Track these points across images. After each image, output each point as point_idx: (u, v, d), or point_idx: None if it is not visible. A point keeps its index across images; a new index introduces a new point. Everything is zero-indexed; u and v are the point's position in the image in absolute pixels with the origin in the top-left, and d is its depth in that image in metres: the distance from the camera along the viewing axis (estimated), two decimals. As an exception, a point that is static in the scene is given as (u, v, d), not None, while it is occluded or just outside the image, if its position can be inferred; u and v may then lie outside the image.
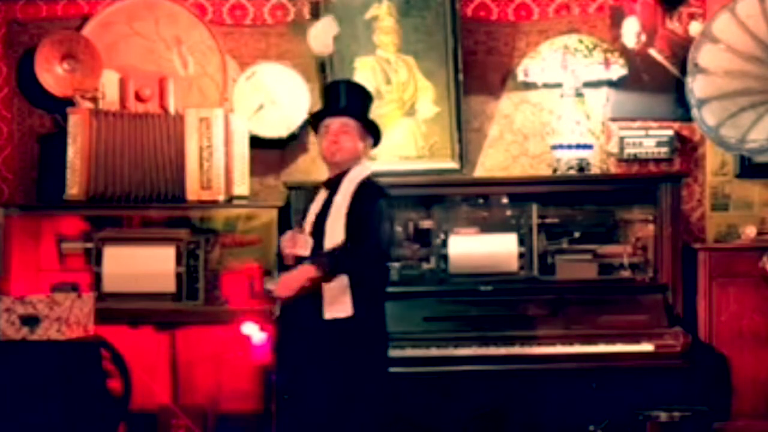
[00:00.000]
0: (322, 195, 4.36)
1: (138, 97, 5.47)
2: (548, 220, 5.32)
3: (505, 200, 5.36)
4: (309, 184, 4.90)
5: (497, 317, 5.03)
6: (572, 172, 5.35)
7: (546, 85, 5.53)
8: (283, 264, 4.36)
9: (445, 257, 5.23)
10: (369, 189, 4.30)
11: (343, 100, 4.33)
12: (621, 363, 4.90)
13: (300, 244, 4.27)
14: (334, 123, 4.30)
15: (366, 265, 4.24)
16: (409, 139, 5.59)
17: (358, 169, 4.32)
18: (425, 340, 4.91)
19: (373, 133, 4.38)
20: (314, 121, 4.44)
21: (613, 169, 5.58)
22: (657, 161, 5.57)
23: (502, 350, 4.90)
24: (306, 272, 4.16)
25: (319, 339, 4.18)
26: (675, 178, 5.27)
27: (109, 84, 5.44)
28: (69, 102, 5.34)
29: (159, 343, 5.41)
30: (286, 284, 4.20)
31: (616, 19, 5.60)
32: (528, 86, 5.57)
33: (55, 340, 4.63)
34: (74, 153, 5.20)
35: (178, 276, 5.22)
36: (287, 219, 5.11)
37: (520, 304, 5.08)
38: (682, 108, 5.44)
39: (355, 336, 4.18)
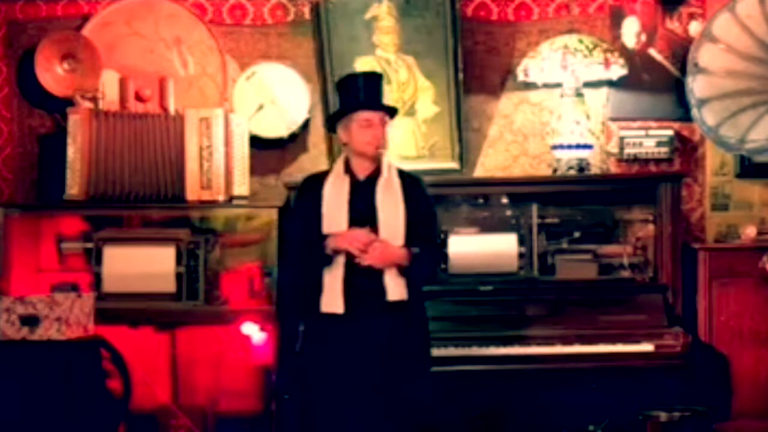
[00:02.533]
0: (342, 182, 4.39)
1: (138, 97, 5.46)
2: (548, 220, 5.32)
3: (505, 200, 5.37)
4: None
5: (497, 317, 5.03)
6: (572, 172, 5.35)
7: (546, 85, 5.53)
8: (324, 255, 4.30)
9: (444, 257, 5.23)
10: (419, 184, 4.49)
11: (379, 93, 4.42)
12: (621, 363, 4.90)
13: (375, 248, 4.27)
14: (376, 117, 4.37)
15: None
16: (409, 139, 5.59)
17: (386, 159, 4.45)
18: (425, 340, 4.91)
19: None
20: (342, 113, 4.42)
21: (613, 169, 5.58)
22: (657, 161, 5.57)
23: (502, 350, 4.90)
24: (402, 256, 4.31)
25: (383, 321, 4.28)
26: (675, 178, 5.27)
27: (109, 84, 5.43)
28: (69, 102, 5.33)
29: (159, 343, 5.41)
30: (383, 257, 4.26)
31: (616, 19, 5.60)
32: (528, 86, 5.57)
33: (55, 340, 4.62)
34: (74, 153, 5.20)
35: (178, 276, 5.22)
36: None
37: (520, 304, 5.08)
38: (682, 108, 5.44)
39: (412, 320, 4.36)
